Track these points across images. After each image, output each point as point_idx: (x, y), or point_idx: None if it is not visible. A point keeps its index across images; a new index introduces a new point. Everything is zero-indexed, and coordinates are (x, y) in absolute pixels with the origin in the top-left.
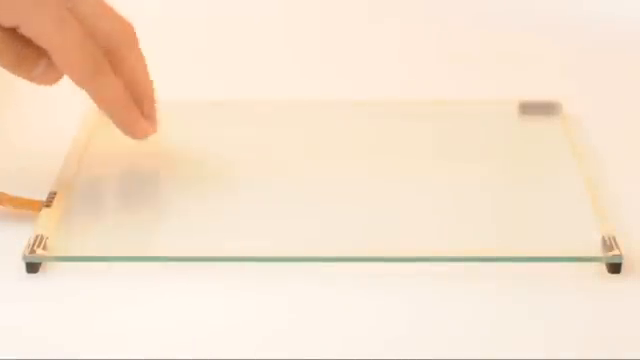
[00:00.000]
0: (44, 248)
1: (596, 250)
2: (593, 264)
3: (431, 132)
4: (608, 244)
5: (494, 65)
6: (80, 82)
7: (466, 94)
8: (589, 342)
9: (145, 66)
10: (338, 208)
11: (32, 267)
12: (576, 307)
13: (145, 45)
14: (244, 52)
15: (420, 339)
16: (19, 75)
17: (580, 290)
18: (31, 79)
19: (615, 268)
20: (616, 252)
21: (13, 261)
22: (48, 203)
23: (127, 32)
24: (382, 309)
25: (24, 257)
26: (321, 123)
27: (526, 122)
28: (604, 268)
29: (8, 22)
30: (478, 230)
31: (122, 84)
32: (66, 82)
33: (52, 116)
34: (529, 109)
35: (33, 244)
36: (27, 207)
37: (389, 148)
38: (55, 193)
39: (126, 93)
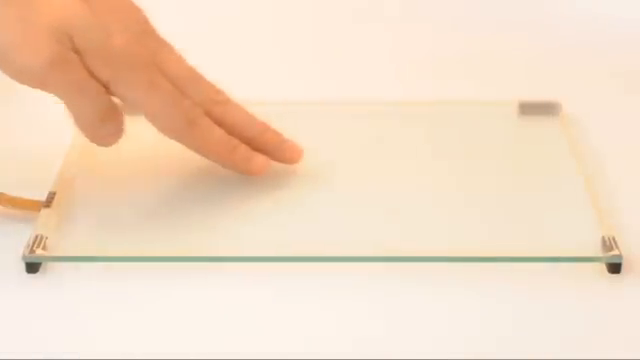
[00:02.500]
0: (44, 248)
1: (596, 250)
2: (593, 264)
3: (431, 132)
4: (608, 244)
5: (494, 65)
6: (178, 139)
7: (466, 94)
8: (589, 342)
9: (244, 111)
10: (337, 208)
11: (32, 267)
12: (576, 307)
13: None
14: (244, 52)
15: (420, 339)
16: (94, 131)
17: (580, 290)
18: (91, 134)
19: (615, 268)
20: (616, 252)
21: (13, 261)
22: (48, 203)
23: (216, 92)
24: (382, 309)
25: (24, 257)
26: (321, 124)
27: (526, 122)
28: (604, 268)
29: (102, 73)
30: (478, 230)
31: (219, 129)
32: None
33: (52, 116)
34: (529, 109)
35: (33, 244)
36: (27, 207)
37: (389, 148)
38: (55, 193)
39: (226, 135)
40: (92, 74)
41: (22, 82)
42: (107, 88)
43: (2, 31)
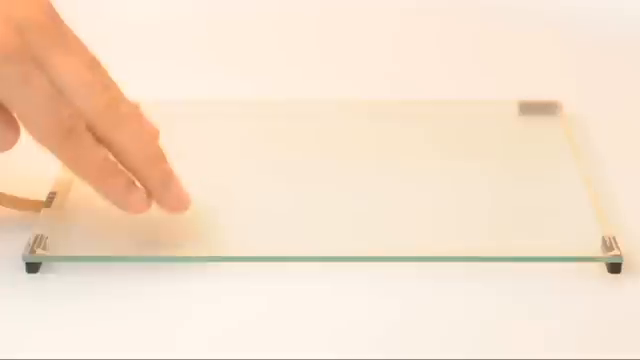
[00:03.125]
0: (44, 248)
1: (596, 250)
2: (593, 264)
3: (431, 132)
4: (608, 244)
5: (494, 65)
6: (49, 148)
7: (466, 94)
8: (589, 342)
9: (140, 135)
10: (337, 208)
11: (32, 267)
12: (576, 307)
13: (143, 45)
14: (243, 52)
15: (420, 339)
16: None
17: (580, 290)
18: None
19: (615, 268)
20: (616, 252)
21: (13, 261)
22: (48, 203)
23: (112, 107)
24: (381, 309)
25: (24, 257)
26: (320, 123)
27: (526, 122)
28: (604, 268)
29: None
30: (478, 230)
31: (101, 148)
32: None
33: None
34: (529, 109)
35: (33, 244)
36: (27, 207)
37: (389, 148)
38: (55, 193)
39: (107, 157)
40: None
41: None
42: None
43: None
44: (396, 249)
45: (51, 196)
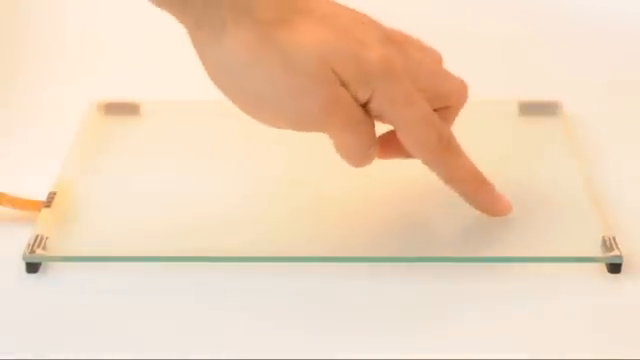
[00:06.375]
0: (44, 248)
1: (596, 250)
2: (593, 264)
3: None
4: (608, 244)
5: (494, 65)
6: (427, 160)
7: None
8: (589, 342)
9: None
10: (338, 208)
11: (32, 267)
12: (576, 307)
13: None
14: None
15: (420, 339)
16: (359, 161)
17: (580, 290)
18: (359, 160)
19: (615, 268)
20: (616, 252)
21: (13, 261)
22: (48, 203)
23: (462, 92)
24: (381, 309)
25: (24, 257)
26: None
27: (526, 122)
28: (604, 268)
29: (362, 94)
30: (478, 230)
31: (468, 157)
32: (66, 83)
33: (52, 116)
34: (529, 109)
35: (33, 244)
36: (27, 207)
37: None
38: (55, 193)
39: (475, 166)
40: (358, 100)
41: (300, 129)
42: (365, 106)
43: (270, 82)
44: (396, 249)
45: (51, 196)
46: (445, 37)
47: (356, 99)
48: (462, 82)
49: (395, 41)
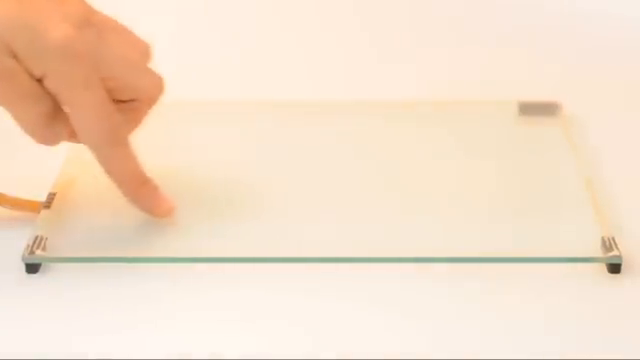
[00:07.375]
0: (43, 249)
1: (596, 250)
2: (593, 264)
3: (431, 132)
4: (608, 245)
5: (494, 65)
6: (92, 149)
7: (466, 94)
8: (589, 342)
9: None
10: (338, 209)
11: (32, 268)
12: (576, 307)
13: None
14: (243, 53)
15: (419, 339)
16: (40, 135)
17: (580, 290)
18: (39, 137)
19: (615, 268)
20: (615, 253)
21: (13, 261)
22: (47, 204)
23: (156, 89)
24: (381, 309)
25: (23, 258)
26: (322, 124)
27: (525, 122)
28: (604, 268)
29: (37, 69)
30: (478, 230)
31: (136, 158)
32: None
33: None
34: (529, 109)
35: (32, 245)
36: (27, 208)
37: (389, 148)
38: (54, 194)
39: (140, 171)
40: (31, 74)
41: None
42: (41, 83)
43: None
44: (396, 249)
45: (51, 197)
46: (445, 37)
47: (31, 74)
48: (160, 80)
49: (94, 25)
